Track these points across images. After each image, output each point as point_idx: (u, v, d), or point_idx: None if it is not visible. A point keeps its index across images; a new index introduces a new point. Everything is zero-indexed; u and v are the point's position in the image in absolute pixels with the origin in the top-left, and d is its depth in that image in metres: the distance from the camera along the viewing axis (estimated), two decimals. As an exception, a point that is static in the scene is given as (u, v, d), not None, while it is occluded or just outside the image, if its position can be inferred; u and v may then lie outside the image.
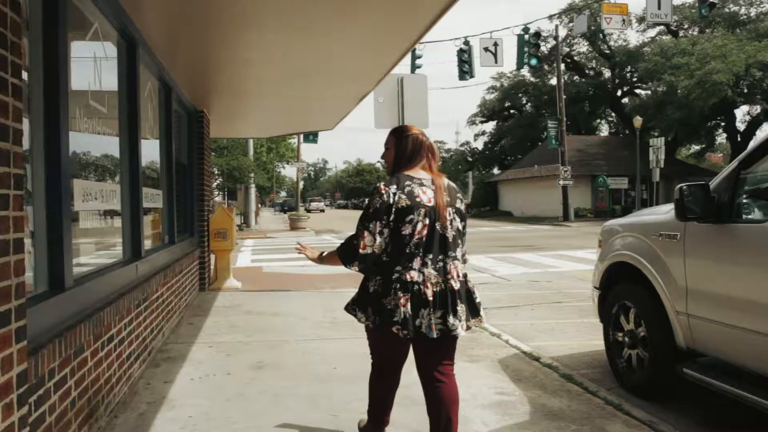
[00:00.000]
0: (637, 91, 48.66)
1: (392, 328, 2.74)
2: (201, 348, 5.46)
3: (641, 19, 39.11)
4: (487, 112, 56.25)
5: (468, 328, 2.86)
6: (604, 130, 55.23)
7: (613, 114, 52.97)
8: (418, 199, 2.82)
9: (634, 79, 47.19)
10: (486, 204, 47.85)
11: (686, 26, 41.97)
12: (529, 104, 54.26)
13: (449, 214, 2.88)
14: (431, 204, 2.83)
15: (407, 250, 2.80)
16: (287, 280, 10.29)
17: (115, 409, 3.79)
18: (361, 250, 2.83)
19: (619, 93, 48.68)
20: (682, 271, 3.83)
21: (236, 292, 8.78)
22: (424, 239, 2.80)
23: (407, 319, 2.73)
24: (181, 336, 5.92)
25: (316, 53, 5.56)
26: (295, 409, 3.90)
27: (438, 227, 2.83)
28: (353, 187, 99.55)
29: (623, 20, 20.32)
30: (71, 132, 3.42)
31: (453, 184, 3.02)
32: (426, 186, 2.88)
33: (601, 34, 44.21)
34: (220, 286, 9.07)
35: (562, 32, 41.93)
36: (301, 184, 44.33)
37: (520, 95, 53.82)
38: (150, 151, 6.04)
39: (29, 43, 2.86)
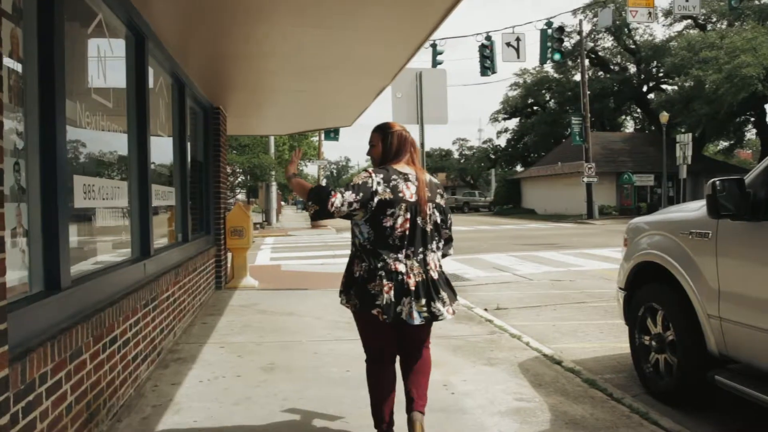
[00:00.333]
0: (664, 86, 47.79)
1: (373, 311, 2.94)
2: (212, 348, 5.34)
3: (668, 13, 38.41)
4: (510, 108, 55.67)
5: (454, 312, 3.10)
6: (629, 127, 54.39)
7: (638, 110, 52.11)
8: (401, 195, 2.98)
9: (661, 75, 46.33)
10: (509, 201, 47.38)
11: (714, 19, 40.99)
12: (552, 101, 53.58)
13: (429, 209, 3.06)
14: (413, 199, 3.00)
15: (392, 242, 2.96)
16: (305, 278, 10.17)
17: (118, 413, 3.67)
18: (328, 205, 2.91)
19: (644, 89, 47.82)
20: (714, 271, 3.59)
21: (252, 291, 8.67)
22: (407, 232, 2.97)
23: (389, 305, 2.91)
24: (193, 336, 5.81)
25: (331, 46, 5.41)
26: (304, 413, 3.75)
27: (419, 221, 3.01)
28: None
29: (649, 13, 19.86)
30: (74, 128, 3.31)
31: (435, 180, 3.20)
32: (410, 181, 3.04)
33: (626, 29, 43.48)
34: (237, 285, 8.97)
35: (587, 27, 41.33)
36: (323, 182, 44.39)
37: (543, 92, 53.18)
38: (162, 148, 5.95)
39: (23, 33, 2.73)
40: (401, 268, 2.95)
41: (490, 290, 9.12)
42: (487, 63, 20.12)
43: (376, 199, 2.93)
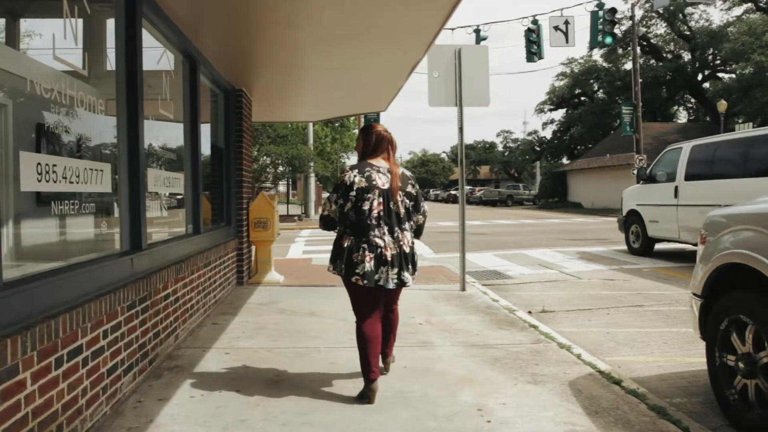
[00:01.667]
0: (720, 74, 45.53)
1: (353, 278, 3.64)
2: (216, 355, 4.73)
3: (727, -4, 36.38)
4: (557, 99, 54.04)
5: (412, 282, 3.79)
6: (682, 118, 52.12)
7: (692, 100, 49.86)
8: (374, 182, 3.67)
9: (717, 62, 44.13)
10: (554, 195, 45.94)
11: (777, 3, 38.74)
12: (600, 91, 51.78)
13: (400, 196, 3.74)
14: (385, 187, 3.70)
15: (372, 222, 3.65)
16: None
17: (83, 439, 3.06)
18: (323, 213, 3.83)
19: (699, 77, 45.65)
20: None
21: (275, 287, 8.07)
22: (383, 214, 3.66)
23: (369, 273, 3.61)
24: (198, 339, 5.21)
25: (357, 10, 4.72)
26: (305, 446, 3.08)
27: (392, 206, 3.70)
28: (418, 178, 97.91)
29: (710, -7, 18.47)
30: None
31: (407, 173, 3.91)
32: (382, 173, 3.74)
33: (680, 14, 41.54)
34: (260, 280, 8.39)
35: (638, 13, 39.58)
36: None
37: (591, 81, 51.40)
38: (167, 130, 5.37)
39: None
40: (380, 242, 3.64)
41: (534, 290, 8.31)
42: (533, 48, 19.10)
43: (354, 188, 3.65)
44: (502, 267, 10.52)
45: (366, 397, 3.65)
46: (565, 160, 54.63)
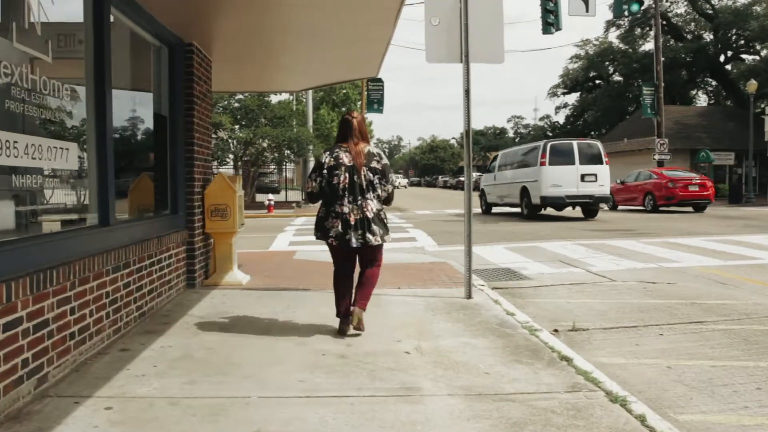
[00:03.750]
0: (744, 56, 43.40)
1: (328, 240, 4.54)
2: (90, 413, 3.12)
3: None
4: (570, 82, 52.08)
5: (383, 241, 4.61)
6: (701, 101, 49.95)
7: (712, 83, 47.72)
8: (341, 161, 4.52)
9: (741, 42, 41.99)
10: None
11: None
12: (616, 73, 49.73)
13: (364, 171, 4.53)
14: (351, 164, 4.53)
15: (339, 193, 4.48)
16: (315, 271, 7.92)
17: None
18: (307, 189, 4.75)
19: (721, 59, 43.50)
20: None
21: (234, 291, 6.47)
22: (347, 186, 4.49)
23: (339, 234, 4.46)
24: (82, 379, 3.61)
25: None
26: None
27: (356, 179, 4.51)
28: (427, 164, 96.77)
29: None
30: None
31: (374, 150, 4.64)
32: (349, 152, 4.57)
33: (704, -9, 39.37)
34: (218, 282, 6.79)
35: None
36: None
37: (606, 63, 49.39)
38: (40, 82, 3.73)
39: None
40: (346, 210, 4.47)
41: (558, 296, 6.67)
42: (550, 18, 17.29)
43: (325, 167, 4.55)
44: (516, 264, 8.87)
45: (340, 331, 4.60)
46: (578, 146, 52.62)
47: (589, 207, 17.67)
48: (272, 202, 23.00)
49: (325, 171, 4.50)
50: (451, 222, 17.69)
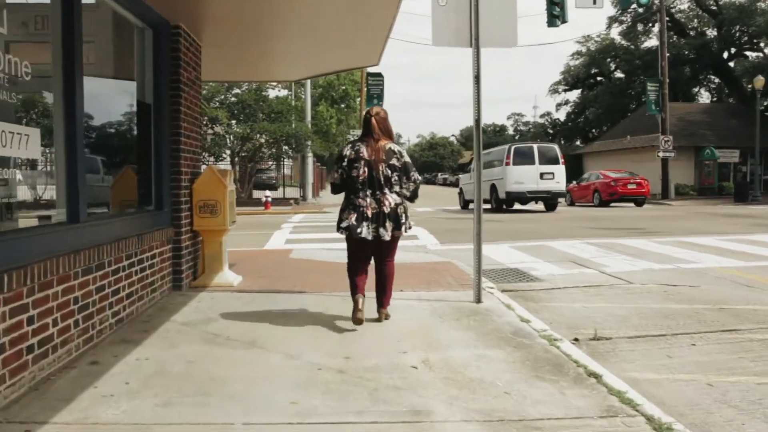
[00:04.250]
0: (747, 53, 42.88)
1: (339, 230, 4.66)
2: (42, 443, 2.64)
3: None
4: (572, 79, 51.51)
5: (393, 237, 4.62)
6: (703, 98, 49.40)
7: (715, 80, 47.19)
8: (361, 155, 4.61)
9: (744, 39, 41.45)
10: (570, 179, 43.44)
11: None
12: (618, 70, 49.17)
13: (382, 166, 4.58)
14: (370, 158, 4.59)
15: (358, 186, 4.58)
16: (312, 272, 7.44)
17: None
18: (332, 181, 4.93)
19: (725, 55, 42.98)
20: None
21: (224, 293, 5.99)
22: (365, 180, 4.57)
23: (353, 226, 4.54)
24: (41, 398, 3.13)
25: None
26: None
27: (374, 173, 4.58)
28: (426, 161, 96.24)
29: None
30: None
31: (395, 148, 4.68)
32: (369, 147, 4.63)
33: (708, -13, 38.84)
34: (207, 283, 6.31)
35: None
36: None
37: (608, 60, 48.81)
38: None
39: None
40: (363, 203, 4.56)
41: (573, 299, 6.20)
42: (555, 11, 16.81)
43: (346, 160, 4.65)
44: (525, 264, 8.39)
45: (354, 316, 4.57)
46: (578, 143, 52.20)
47: (549, 201, 20.08)
48: (269, 199, 22.49)
49: (345, 163, 4.63)
50: (453, 219, 17.23)
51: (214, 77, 10.78)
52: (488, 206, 20.39)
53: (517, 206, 20.98)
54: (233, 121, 24.26)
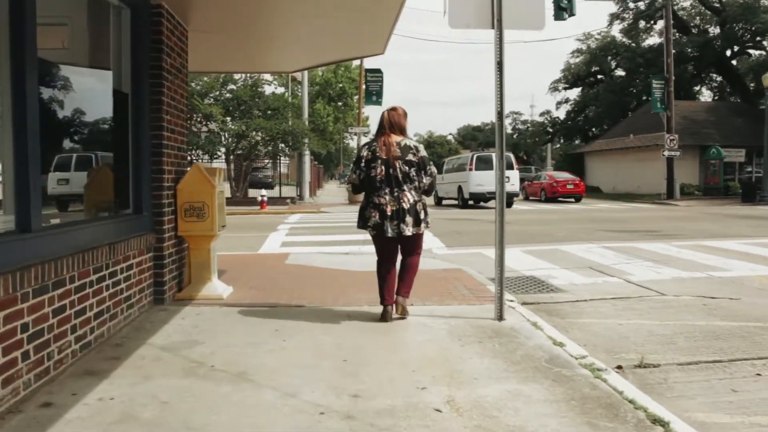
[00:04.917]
0: (751, 51, 42.30)
1: (365, 228, 4.78)
2: None
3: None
4: (572, 77, 50.82)
5: (412, 233, 4.72)
6: (705, 96, 48.82)
7: (718, 78, 46.60)
8: (378, 154, 4.73)
9: (747, 37, 40.85)
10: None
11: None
12: (619, 68, 48.52)
13: (398, 164, 4.68)
14: (386, 157, 4.70)
15: (376, 185, 4.70)
16: (310, 279, 6.77)
17: None
18: (350, 180, 4.95)
19: (728, 53, 42.39)
20: None
21: (212, 308, 5.31)
22: (383, 178, 4.69)
23: (375, 225, 4.69)
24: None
25: None
26: None
27: (391, 171, 4.69)
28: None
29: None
30: None
31: (411, 144, 4.77)
32: (385, 146, 4.73)
33: (712, -16, 38.21)
34: (193, 295, 5.63)
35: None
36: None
37: (609, 58, 48.15)
38: None
39: None
40: (382, 201, 4.68)
41: (603, 314, 5.54)
42: (563, 3, 16.13)
43: (363, 160, 4.79)
44: (541, 271, 7.73)
45: (383, 318, 4.75)
46: (578, 142, 51.58)
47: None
48: (265, 198, 21.76)
49: (363, 164, 4.77)
50: (457, 221, 16.57)
51: (203, 68, 10.08)
52: (455, 202, 24.42)
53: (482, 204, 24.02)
54: (228, 118, 23.54)
